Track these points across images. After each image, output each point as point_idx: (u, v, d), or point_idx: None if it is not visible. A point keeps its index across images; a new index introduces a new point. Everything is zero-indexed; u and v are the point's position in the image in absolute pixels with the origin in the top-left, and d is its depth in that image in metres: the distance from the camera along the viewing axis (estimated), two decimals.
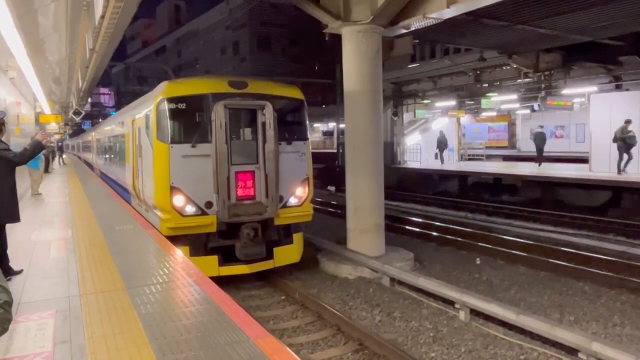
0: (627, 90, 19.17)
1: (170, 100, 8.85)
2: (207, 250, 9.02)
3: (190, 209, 8.75)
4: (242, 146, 9.30)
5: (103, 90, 63.56)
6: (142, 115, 10.21)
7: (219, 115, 8.67)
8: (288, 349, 3.75)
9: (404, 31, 11.53)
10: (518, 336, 7.22)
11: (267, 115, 9.03)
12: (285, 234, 9.82)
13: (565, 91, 21.27)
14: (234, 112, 9.02)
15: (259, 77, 10.70)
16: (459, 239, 13.52)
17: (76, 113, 27.10)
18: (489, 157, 30.83)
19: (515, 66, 20.14)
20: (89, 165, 29.15)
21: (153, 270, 5.98)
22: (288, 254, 9.88)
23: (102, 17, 8.22)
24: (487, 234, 13.92)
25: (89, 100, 38.86)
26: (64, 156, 35.43)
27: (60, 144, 37.99)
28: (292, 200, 9.69)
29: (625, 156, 16.59)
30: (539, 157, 21.89)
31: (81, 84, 19.35)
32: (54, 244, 7.61)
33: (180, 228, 8.68)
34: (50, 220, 9.90)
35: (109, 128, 18.24)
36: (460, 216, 17.81)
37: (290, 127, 10.05)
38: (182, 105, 8.87)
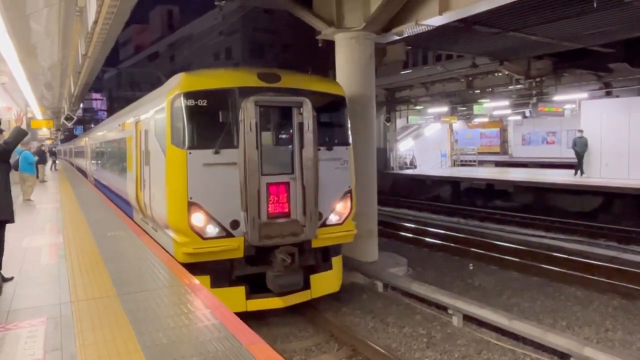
0: (617, 97, 19.38)
1: (189, 95, 7.33)
2: (232, 279, 7.57)
3: (212, 230, 7.26)
4: (274, 152, 7.85)
5: (95, 95, 63.39)
6: (150, 116, 8.72)
7: (248, 114, 7.19)
8: (280, 356, 3.73)
9: (397, 38, 11.60)
10: (511, 341, 7.24)
11: (306, 115, 7.55)
12: (323, 257, 8.34)
13: (556, 97, 21.47)
14: (265, 110, 7.55)
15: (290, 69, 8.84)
16: (452, 244, 13.56)
17: (68, 118, 26.95)
18: (481, 163, 31.03)
19: (506, 73, 20.32)
20: (83, 173, 27.87)
21: (145, 276, 5.94)
22: (327, 282, 8.39)
23: (95, 22, 8.22)
24: (480, 239, 13.96)
25: (81, 105, 38.70)
26: (56, 162, 35.19)
27: (52, 149, 37.75)
28: (332, 218, 8.18)
29: None
30: (579, 166, 18.78)
31: (73, 89, 19.29)
32: (45, 250, 7.54)
33: (200, 254, 7.17)
34: (42, 226, 9.82)
35: (107, 132, 16.31)
36: (453, 222, 17.87)
37: (330, 129, 8.60)
38: (203, 102, 7.38)
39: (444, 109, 27.19)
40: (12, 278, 5.88)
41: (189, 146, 7.23)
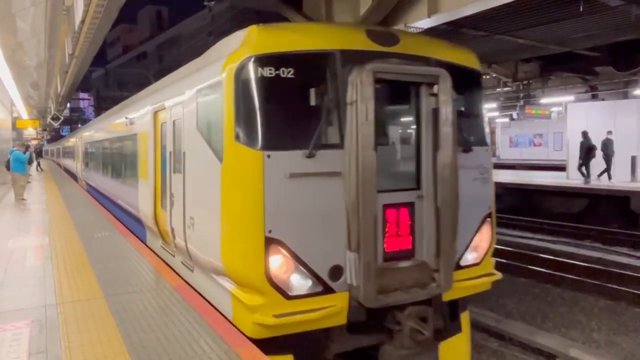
0: (603, 100, 19.65)
1: (266, 60, 4.39)
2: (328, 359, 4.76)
3: (301, 284, 4.36)
4: (389, 156, 5.11)
5: (83, 95, 62.93)
6: (185, 99, 5.69)
7: (364, 92, 4.33)
8: (267, 358, 3.72)
9: None
10: (499, 342, 7.29)
11: (443, 97, 4.71)
12: (450, 314, 5.45)
13: (543, 100, 21.74)
14: (380, 89, 4.52)
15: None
16: None
17: (55, 118, 26.69)
18: None
19: (494, 75, 20.50)
20: (72, 175, 25.61)
21: (132, 277, 5.89)
22: (457, 350, 5.51)
23: (82, 21, 8.16)
24: None
25: (68, 105, 38.37)
26: (40, 162, 34.81)
27: (37, 149, 37.39)
28: (469, 256, 5.31)
29: None
30: (609, 169, 17.11)
31: (60, 89, 19.12)
32: (31, 251, 7.45)
33: (284, 325, 4.23)
34: (27, 227, 9.70)
35: (106, 127, 13.04)
36: None
37: (465, 121, 5.40)
38: (288, 72, 4.41)
39: None
40: None
41: (267, 145, 4.29)
